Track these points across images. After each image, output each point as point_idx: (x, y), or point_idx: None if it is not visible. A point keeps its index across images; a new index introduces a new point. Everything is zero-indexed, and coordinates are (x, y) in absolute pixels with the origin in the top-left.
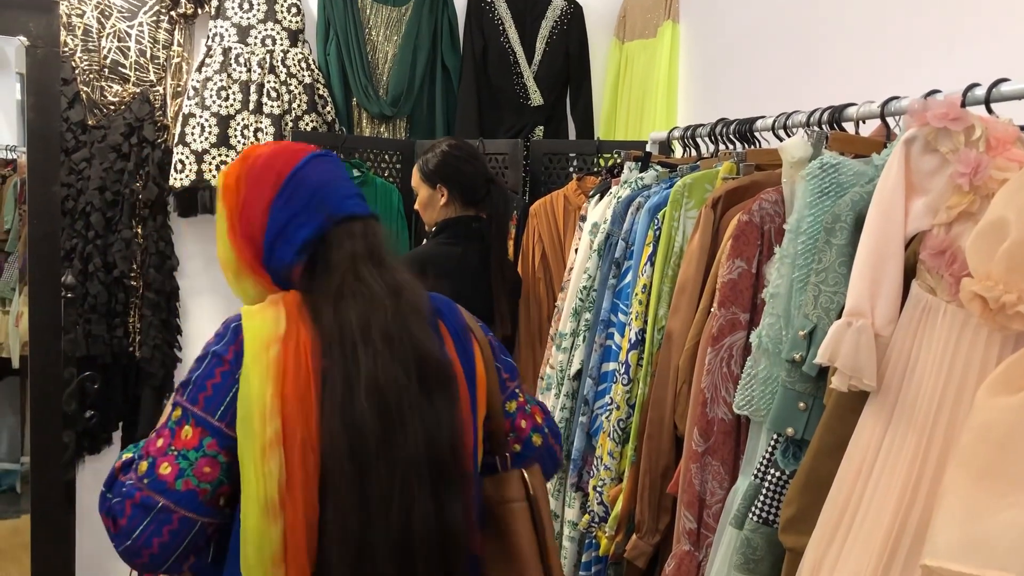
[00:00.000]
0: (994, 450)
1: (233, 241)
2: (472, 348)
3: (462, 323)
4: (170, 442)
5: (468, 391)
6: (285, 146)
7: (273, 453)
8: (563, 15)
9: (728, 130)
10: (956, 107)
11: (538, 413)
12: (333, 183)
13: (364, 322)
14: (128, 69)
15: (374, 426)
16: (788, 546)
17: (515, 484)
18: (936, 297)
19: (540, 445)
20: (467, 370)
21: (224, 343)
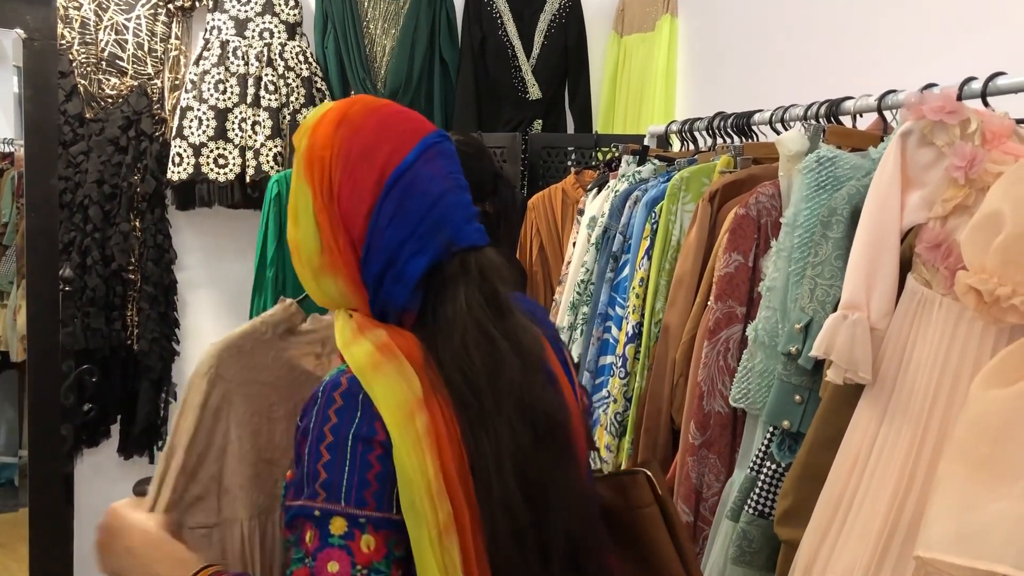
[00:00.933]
0: (988, 442)
1: (326, 230)
2: (566, 351)
3: (554, 328)
4: (351, 560)
5: (576, 403)
6: (392, 118)
7: (451, 539)
8: (561, 8)
9: (726, 124)
10: (952, 100)
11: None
12: (453, 193)
13: (496, 387)
14: (126, 62)
15: (525, 512)
16: (784, 538)
17: (642, 488)
18: (931, 290)
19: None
20: (568, 377)
21: (361, 420)
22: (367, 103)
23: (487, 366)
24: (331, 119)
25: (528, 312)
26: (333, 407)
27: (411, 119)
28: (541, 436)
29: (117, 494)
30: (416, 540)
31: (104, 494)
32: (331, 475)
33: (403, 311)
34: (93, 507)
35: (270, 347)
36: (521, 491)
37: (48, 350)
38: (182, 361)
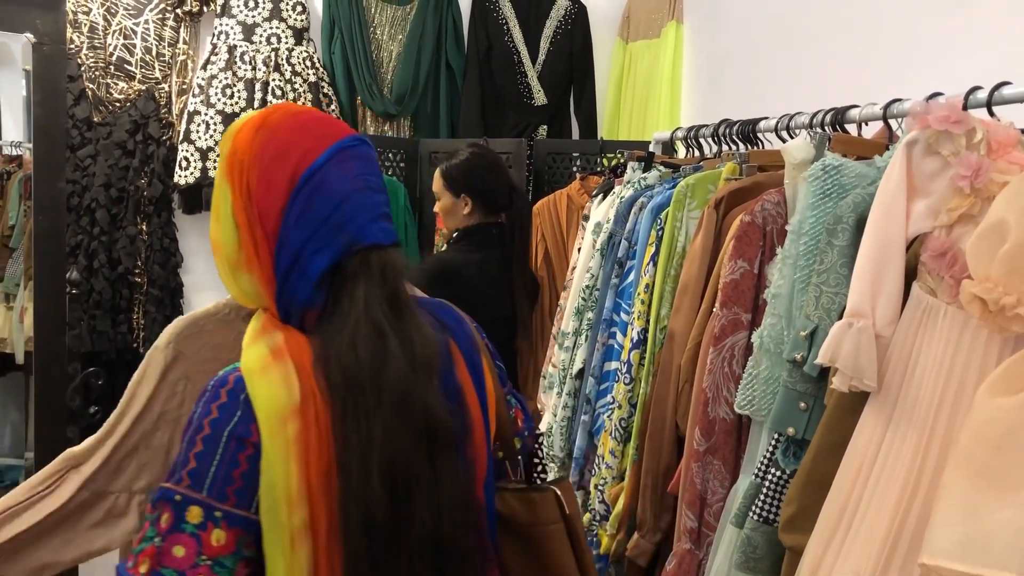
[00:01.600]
0: (992, 450)
1: (243, 228)
2: (482, 363)
3: (471, 336)
4: (198, 550)
5: (481, 415)
6: (308, 123)
7: (302, 544)
8: (567, 15)
9: (731, 131)
10: (958, 110)
11: (519, 416)
12: (361, 193)
13: (378, 384)
14: (134, 66)
15: (385, 507)
16: (788, 545)
17: (549, 505)
18: (936, 299)
19: (519, 449)
20: (479, 389)
21: (239, 422)
22: (287, 109)
23: (373, 362)
24: (252, 124)
25: (441, 318)
26: (217, 402)
27: (328, 124)
28: (419, 436)
29: None
30: (268, 542)
31: None
32: (199, 465)
33: (307, 308)
34: None
35: (232, 328)
36: (386, 487)
37: (54, 352)
38: None
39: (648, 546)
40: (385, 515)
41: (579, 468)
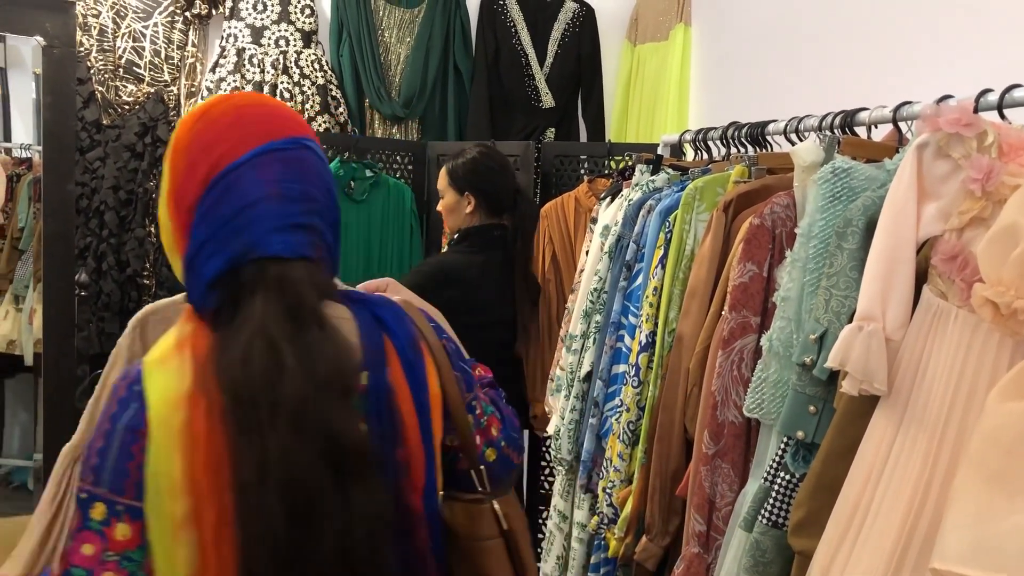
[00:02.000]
0: (1004, 455)
1: (171, 214)
2: (423, 363)
3: (410, 335)
4: (104, 546)
5: (417, 418)
6: (247, 118)
7: (184, 536)
8: (575, 17)
9: (740, 133)
10: (969, 113)
11: (494, 424)
12: (271, 200)
13: (271, 401)
14: (143, 69)
15: (284, 525)
16: (798, 549)
17: (487, 520)
18: (947, 302)
19: (494, 460)
20: (415, 391)
21: (132, 413)
22: (235, 100)
23: (266, 378)
24: (196, 112)
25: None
26: (117, 396)
27: (269, 121)
28: (322, 454)
29: None
30: (152, 530)
31: None
32: (99, 460)
33: (201, 308)
34: None
35: None
36: (285, 506)
37: (63, 354)
38: None
39: (656, 549)
40: (285, 533)
41: (587, 471)
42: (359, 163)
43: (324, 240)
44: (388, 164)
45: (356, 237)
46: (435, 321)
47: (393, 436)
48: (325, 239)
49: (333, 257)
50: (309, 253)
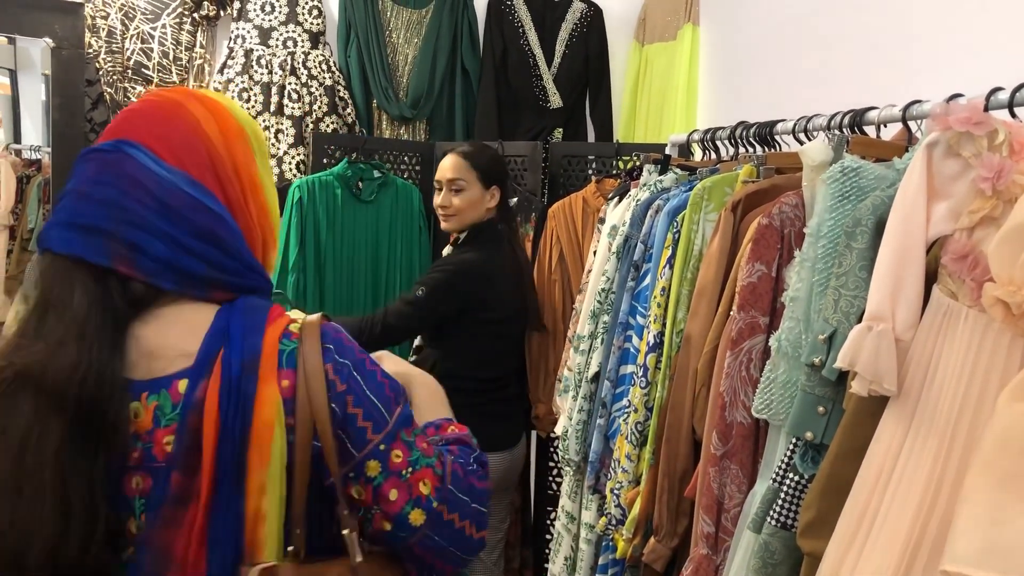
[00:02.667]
0: (1015, 456)
1: None
2: (252, 384)
3: (250, 349)
4: None
5: (216, 447)
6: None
7: None
8: (583, 17)
9: (748, 133)
10: (979, 111)
11: (426, 481)
12: (71, 196)
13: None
14: (151, 70)
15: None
16: (806, 550)
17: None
18: (957, 302)
19: (422, 526)
20: (227, 413)
21: None
22: (144, 97)
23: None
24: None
25: (227, 325)
26: None
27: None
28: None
29: None
30: None
31: None
32: None
33: None
34: None
35: None
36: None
37: None
38: None
39: (665, 551)
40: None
41: (595, 472)
42: (367, 164)
43: (139, 251)
44: (396, 165)
45: (364, 238)
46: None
47: (181, 458)
48: (145, 250)
49: (173, 268)
50: (82, 253)
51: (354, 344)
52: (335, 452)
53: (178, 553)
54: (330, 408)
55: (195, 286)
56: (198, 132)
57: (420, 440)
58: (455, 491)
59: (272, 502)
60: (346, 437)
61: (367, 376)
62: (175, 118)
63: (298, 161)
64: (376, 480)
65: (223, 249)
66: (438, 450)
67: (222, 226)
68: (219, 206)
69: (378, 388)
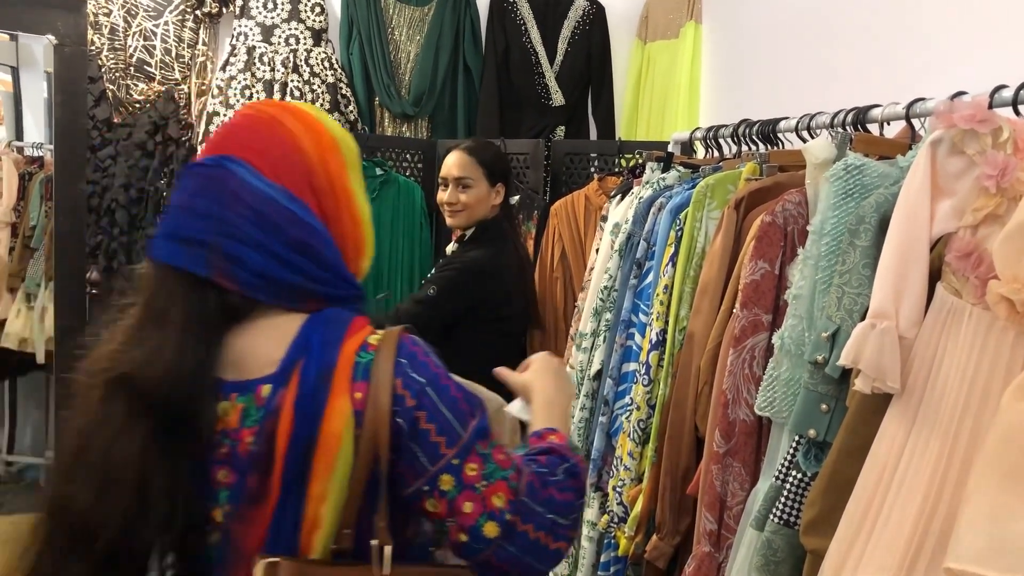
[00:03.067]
0: (1019, 454)
1: None
2: (324, 397)
3: (324, 364)
4: None
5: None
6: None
7: None
8: (585, 15)
9: (751, 131)
10: (983, 109)
11: (500, 494)
12: (173, 210)
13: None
14: (154, 67)
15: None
16: (809, 548)
17: None
18: (961, 300)
19: (497, 538)
20: (299, 422)
21: None
22: (242, 111)
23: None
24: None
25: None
26: None
27: (226, 138)
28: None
29: None
30: None
31: None
32: None
33: None
34: None
35: None
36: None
37: (75, 352)
38: None
39: (667, 548)
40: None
41: (597, 469)
42: (369, 161)
43: (237, 262)
44: (398, 162)
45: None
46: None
47: (259, 460)
48: (242, 262)
49: (266, 279)
50: (183, 264)
51: (430, 359)
52: (402, 464)
53: (247, 547)
54: (394, 422)
55: (288, 298)
56: (295, 146)
57: (497, 452)
58: (530, 503)
59: (330, 509)
60: (419, 451)
61: (441, 391)
62: (273, 134)
63: None
64: (450, 493)
65: (317, 261)
66: (516, 462)
67: (317, 238)
68: (315, 219)
69: (452, 403)
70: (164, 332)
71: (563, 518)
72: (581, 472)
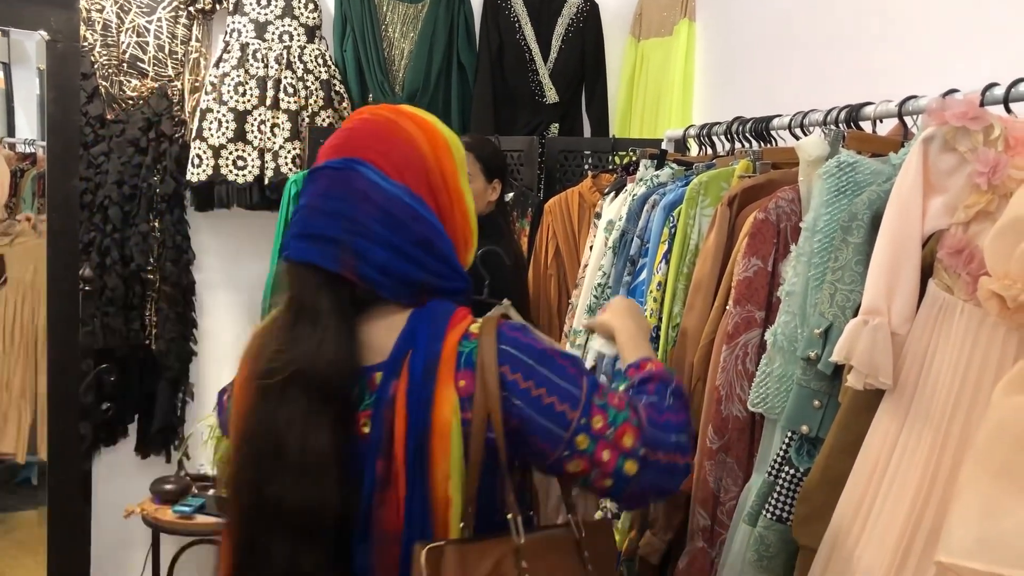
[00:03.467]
0: (1010, 449)
1: None
2: (431, 388)
3: (430, 355)
4: None
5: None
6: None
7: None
8: (579, 13)
9: (744, 128)
10: (975, 106)
11: (628, 434)
12: (304, 211)
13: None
14: (146, 64)
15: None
16: (802, 543)
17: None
18: (953, 296)
19: (637, 473)
20: (413, 411)
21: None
22: (360, 114)
23: (251, 352)
24: None
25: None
26: None
27: (345, 141)
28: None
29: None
30: None
31: (121, 492)
32: None
33: None
34: (110, 505)
35: None
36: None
37: (67, 349)
38: (199, 361)
39: (660, 544)
40: (247, 486)
41: None
42: None
43: (363, 257)
44: None
45: None
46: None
47: (381, 446)
48: (367, 257)
49: (388, 274)
50: (319, 261)
51: (531, 339)
52: (538, 441)
53: (387, 528)
54: (513, 405)
55: (406, 294)
56: (414, 147)
57: (612, 398)
58: (654, 431)
59: (455, 488)
60: (551, 424)
61: (550, 364)
62: (393, 135)
63: (294, 155)
64: (589, 450)
65: (435, 255)
66: (629, 400)
67: (435, 234)
68: (432, 215)
69: (561, 370)
70: (317, 328)
71: (683, 435)
72: (683, 389)
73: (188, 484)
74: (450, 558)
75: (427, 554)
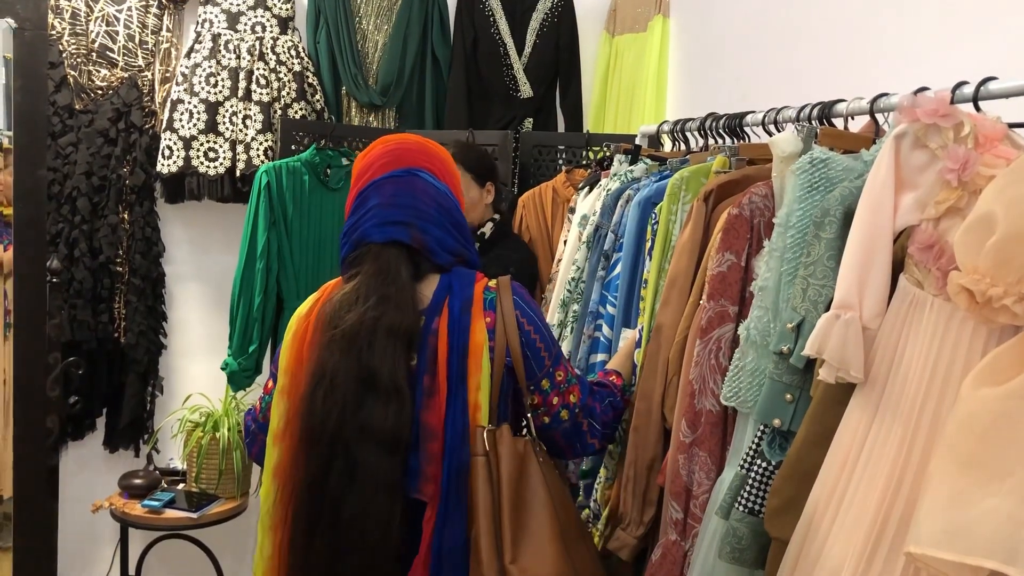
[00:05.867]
0: (977, 440)
1: None
2: (468, 319)
3: (466, 298)
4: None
5: (447, 357)
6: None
7: (282, 397)
8: (554, 8)
9: (718, 124)
10: (946, 104)
11: (574, 394)
12: (379, 208)
13: (337, 325)
14: (116, 54)
15: (323, 410)
16: (774, 535)
17: (478, 441)
18: (923, 291)
19: (566, 419)
20: (453, 338)
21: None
22: (391, 142)
23: (339, 311)
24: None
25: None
26: None
27: (398, 158)
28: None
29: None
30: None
31: (89, 487)
32: None
33: (342, 261)
34: (78, 500)
35: None
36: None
37: (35, 341)
38: (169, 354)
39: (630, 539)
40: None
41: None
42: (335, 151)
43: (426, 234)
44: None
45: (332, 224)
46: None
47: (427, 366)
48: (429, 233)
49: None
50: (402, 238)
51: (532, 299)
52: (523, 368)
53: (432, 425)
54: (520, 339)
55: (448, 260)
56: (445, 160)
57: (570, 366)
58: (590, 406)
59: (483, 396)
60: (534, 362)
61: (540, 319)
62: (432, 152)
63: (266, 147)
64: (546, 390)
65: (463, 234)
66: (584, 378)
67: (463, 219)
68: (459, 207)
69: (547, 327)
70: (398, 284)
71: (604, 428)
72: (621, 406)
73: (157, 478)
74: (501, 436)
75: (487, 433)
